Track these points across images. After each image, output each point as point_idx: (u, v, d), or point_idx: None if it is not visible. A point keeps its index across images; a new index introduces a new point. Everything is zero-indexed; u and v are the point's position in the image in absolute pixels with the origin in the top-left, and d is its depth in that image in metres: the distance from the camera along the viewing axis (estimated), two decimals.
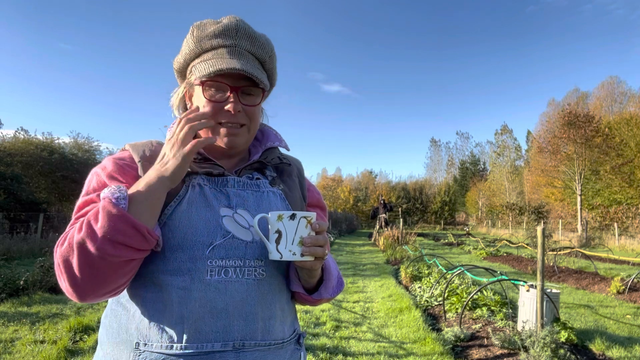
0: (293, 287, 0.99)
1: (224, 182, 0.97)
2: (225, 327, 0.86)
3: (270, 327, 0.92)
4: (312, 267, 0.90)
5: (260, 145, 1.09)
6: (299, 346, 1.02)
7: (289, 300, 1.01)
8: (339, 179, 51.59)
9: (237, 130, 0.97)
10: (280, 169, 1.09)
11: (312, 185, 1.17)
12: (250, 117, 0.98)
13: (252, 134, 1.02)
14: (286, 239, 0.87)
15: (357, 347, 4.33)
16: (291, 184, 1.08)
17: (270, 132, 1.13)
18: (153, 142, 1.00)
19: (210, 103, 0.94)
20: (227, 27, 0.97)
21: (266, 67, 1.03)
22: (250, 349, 0.88)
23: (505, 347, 4.17)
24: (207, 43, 0.97)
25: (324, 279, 1.00)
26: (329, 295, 1.01)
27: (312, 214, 0.89)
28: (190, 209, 0.89)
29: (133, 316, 0.88)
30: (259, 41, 1.00)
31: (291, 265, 0.99)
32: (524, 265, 11.40)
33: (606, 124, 29.17)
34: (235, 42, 0.97)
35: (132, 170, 0.93)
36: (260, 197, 0.99)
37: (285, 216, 0.87)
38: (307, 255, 0.87)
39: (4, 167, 15.60)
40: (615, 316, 5.97)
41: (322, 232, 0.89)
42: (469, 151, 64.43)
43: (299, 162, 1.17)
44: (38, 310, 5.53)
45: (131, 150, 0.96)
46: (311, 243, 0.86)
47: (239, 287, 0.88)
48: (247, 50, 0.98)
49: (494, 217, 41.11)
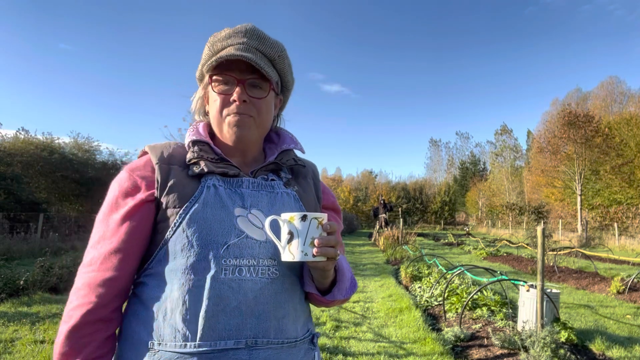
0: (307, 288, 1.00)
1: (238, 183, 0.99)
2: (238, 325, 0.87)
3: (283, 325, 0.93)
4: (324, 267, 0.92)
5: (276, 147, 1.11)
6: (313, 346, 1.03)
7: (303, 300, 1.02)
8: (338, 179, 51.57)
9: (244, 121, 0.99)
10: (295, 170, 1.11)
11: (327, 188, 1.19)
12: (258, 110, 1.00)
13: (260, 130, 1.03)
14: (298, 239, 0.87)
15: (357, 347, 4.33)
16: (306, 185, 1.10)
17: (287, 135, 1.14)
18: (171, 143, 1.03)
19: (219, 96, 0.98)
20: (237, 30, 1.02)
21: (277, 67, 1.05)
22: (263, 347, 0.89)
23: (505, 347, 4.17)
24: (219, 44, 1.02)
25: (337, 280, 1.01)
26: (342, 297, 1.02)
27: (323, 215, 0.89)
28: (205, 209, 0.91)
29: (148, 316, 0.90)
30: (268, 41, 1.03)
31: (305, 266, 1.00)
32: (524, 265, 11.40)
33: (606, 124, 29.15)
34: (243, 41, 1.01)
35: (147, 176, 0.96)
36: (274, 198, 1.00)
37: (297, 217, 0.88)
38: (319, 256, 0.87)
39: (4, 167, 15.59)
40: (615, 316, 5.97)
41: (334, 233, 0.90)
42: (469, 151, 64.47)
43: (314, 166, 1.18)
44: (38, 310, 5.53)
45: (150, 153, 0.99)
46: (323, 243, 0.87)
47: (252, 286, 0.90)
48: (256, 48, 1.01)
49: (494, 217, 41.10)
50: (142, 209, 0.94)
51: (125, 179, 0.96)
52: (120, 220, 0.92)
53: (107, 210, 0.95)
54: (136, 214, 0.93)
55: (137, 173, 0.96)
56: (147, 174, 0.96)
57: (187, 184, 0.95)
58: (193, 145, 1.00)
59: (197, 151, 0.98)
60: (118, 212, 0.93)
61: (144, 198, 0.94)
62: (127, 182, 0.95)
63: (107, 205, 0.96)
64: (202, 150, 0.99)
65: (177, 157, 0.99)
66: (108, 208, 0.95)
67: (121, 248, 0.91)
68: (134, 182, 0.95)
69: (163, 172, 0.95)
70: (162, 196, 0.93)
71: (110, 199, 0.96)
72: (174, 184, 0.94)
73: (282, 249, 0.90)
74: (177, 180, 0.95)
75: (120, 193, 0.95)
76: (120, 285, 0.92)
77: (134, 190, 0.95)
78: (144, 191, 0.94)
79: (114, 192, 0.96)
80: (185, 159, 0.98)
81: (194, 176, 0.96)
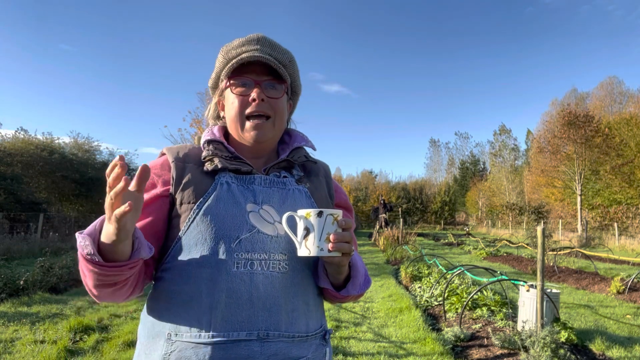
0: (321, 284, 1.03)
1: (251, 180, 1.03)
2: (250, 317, 0.91)
3: (293, 319, 0.96)
4: (339, 262, 0.95)
5: (288, 146, 1.15)
6: (325, 342, 1.05)
7: (316, 296, 1.05)
8: (338, 179, 51.54)
9: (263, 123, 1.04)
10: (307, 168, 1.15)
11: (340, 187, 1.23)
12: (275, 109, 1.05)
13: (277, 129, 1.08)
14: (314, 235, 0.90)
15: (357, 347, 4.33)
16: (317, 183, 1.14)
17: (297, 134, 1.19)
18: (188, 145, 1.09)
19: (238, 97, 1.04)
20: (250, 38, 1.08)
21: (288, 71, 1.11)
22: (275, 340, 0.92)
23: (505, 347, 4.17)
24: (234, 52, 1.07)
25: (352, 276, 1.03)
26: (356, 292, 1.04)
27: (338, 212, 0.92)
28: (218, 204, 0.96)
29: (165, 309, 0.94)
30: (279, 48, 1.10)
31: (320, 262, 1.03)
32: (524, 265, 11.40)
33: (606, 124, 29.15)
34: (257, 47, 1.07)
35: (163, 174, 1.02)
36: (286, 194, 1.04)
37: (313, 214, 0.91)
38: (334, 251, 0.89)
39: (4, 167, 15.60)
40: (615, 316, 5.97)
41: (349, 229, 0.92)
42: (468, 151, 64.47)
43: (326, 165, 1.23)
44: (38, 310, 5.53)
45: (167, 153, 1.05)
46: (338, 239, 0.89)
47: (263, 280, 0.93)
48: (269, 54, 1.07)
49: (494, 217, 41.09)
50: (157, 202, 0.98)
51: None
52: None
53: None
54: (150, 205, 0.98)
55: (154, 171, 1.02)
56: (163, 173, 1.02)
57: (201, 180, 1.00)
58: (208, 145, 1.05)
59: (211, 149, 1.04)
60: None
61: (158, 193, 0.99)
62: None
63: None
64: (217, 148, 1.04)
65: (192, 156, 1.05)
66: None
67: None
68: (151, 180, 1.00)
69: (178, 169, 1.01)
70: (177, 192, 0.99)
71: None
72: (188, 181, 0.99)
73: (299, 244, 0.92)
74: (192, 177, 1.00)
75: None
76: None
77: (151, 187, 1.00)
78: (160, 187, 1.00)
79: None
80: (200, 157, 1.04)
81: (208, 173, 1.01)
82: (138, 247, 0.85)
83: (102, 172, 19.96)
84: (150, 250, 0.90)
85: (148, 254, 0.88)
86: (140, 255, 0.86)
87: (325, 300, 1.12)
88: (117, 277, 0.84)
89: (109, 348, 4.15)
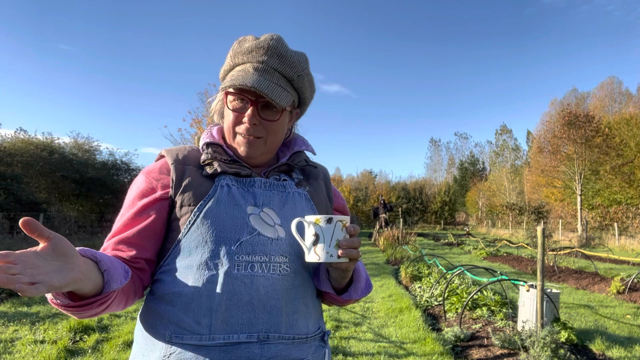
0: (323, 288, 1.03)
1: (251, 183, 1.02)
2: (250, 319, 0.91)
3: (293, 321, 0.96)
4: (347, 268, 0.95)
5: (288, 150, 1.14)
6: (324, 343, 1.06)
7: (314, 298, 1.05)
8: (338, 179, 51.54)
9: (254, 141, 1.01)
10: (307, 172, 1.15)
11: (338, 192, 1.22)
12: (268, 131, 1.02)
13: (270, 147, 1.05)
14: (324, 241, 0.89)
15: (357, 347, 4.33)
16: (317, 186, 1.13)
17: (298, 138, 1.17)
18: (187, 147, 1.09)
19: (233, 113, 1.01)
20: (261, 44, 1.00)
21: (295, 85, 1.05)
22: (275, 342, 0.92)
23: (505, 347, 4.17)
24: (240, 58, 1.02)
25: (354, 280, 1.03)
26: (358, 296, 1.05)
27: (346, 218, 0.92)
28: (218, 207, 0.96)
29: (164, 311, 0.93)
30: (289, 60, 1.01)
31: (321, 266, 1.03)
32: (524, 265, 11.40)
33: (606, 124, 29.15)
34: (263, 59, 0.99)
35: (163, 178, 1.01)
36: (286, 198, 1.04)
37: (322, 220, 0.90)
38: (343, 257, 0.89)
39: (4, 167, 15.60)
40: (615, 316, 5.97)
41: (356, 235, 0.93)
42: (468, 151, 64.46)
43: (326, 169, 1.22)
44: (38, 310, 5.53)
45: (166, 155, 1.04)
46: (347, 245, 0.89)
47: (264, 282, 0.93)
48: (274, 69, 1.00)
49: (494, 217, 41.07)
50: (156, 205, 0.98)
51: (142, 182, 1.01)
52: (135, 214, 0.97)
53: (124, 211, 1.00)
54: (150, 208, 0.97)
55: (152, 175, 1.01)
56: (162, 176, 1.01)
57: (201, 183, 0.99)
58: (207, 147, 1.04)
59: (211, 152, 1.02)
60: (134, 209, 0.98)
61: (158, 197, 0.98)
62: (143, 185, 1.00)
63: (124, 208, 1.01)
64: (216, 152, 1.03)
65: (191, 159, 1.03)
66: (125, 209, 1.01)
67: (133, 240, 0.95)
68: (150, 184, 1.00)
69: (178, 172, 1.00)
70: (176, 195, 0.98)
71: (128, 201, 1.01)
72: (188, 183, 0.98)
73: (307, 250, 0.92)
74: (191, 180, 0.99)
75: (137, 195, 1.00)
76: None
77: (150, 191, 0.99)
78: (160, 191, 0.99)
79: (131, 195, 1.02)
80: (200, 160, 1.03)
81: (207, 176, 1.00)
82: (108, 280, 0.81)
83: (102, 172, 20.02)
84: (126, 274, 0.87)
85: (121, 284, 0.84)
86: (111, 288, 0.81)
87: (323, 303, 1.13)
88: (94, 310, 0.81)
89: (109, 348, 4.15)
